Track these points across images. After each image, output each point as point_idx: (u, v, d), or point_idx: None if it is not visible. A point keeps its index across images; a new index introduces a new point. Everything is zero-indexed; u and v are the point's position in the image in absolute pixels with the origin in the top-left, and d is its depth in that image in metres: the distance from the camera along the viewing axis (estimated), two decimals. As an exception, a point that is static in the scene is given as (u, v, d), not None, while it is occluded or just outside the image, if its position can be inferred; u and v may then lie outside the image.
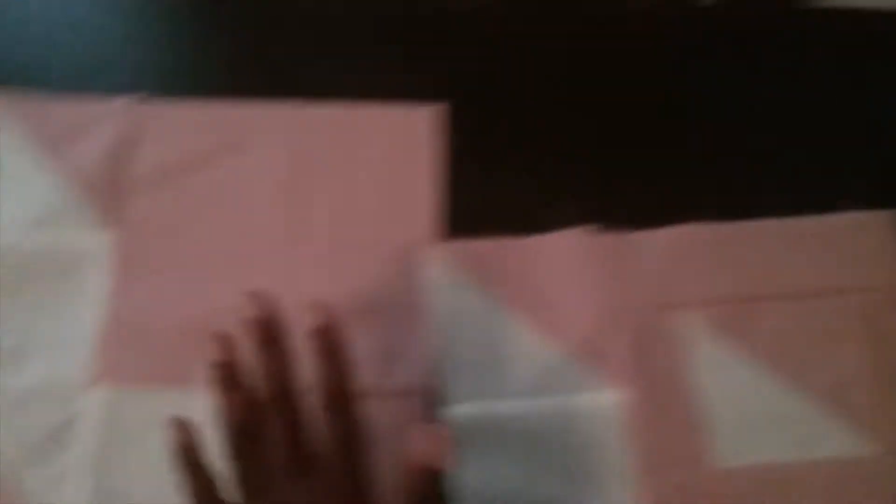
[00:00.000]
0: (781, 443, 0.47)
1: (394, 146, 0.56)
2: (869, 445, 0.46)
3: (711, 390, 0.48)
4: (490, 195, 0.54)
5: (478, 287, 0.51)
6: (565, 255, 0.52)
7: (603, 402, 0.48)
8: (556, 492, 0.46)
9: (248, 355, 0.43)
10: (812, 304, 0.50)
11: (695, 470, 0.46)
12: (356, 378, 0.45)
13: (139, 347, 0.50)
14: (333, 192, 0.55)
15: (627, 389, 0.48)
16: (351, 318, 0.50)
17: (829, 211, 0.53)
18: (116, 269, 0.52)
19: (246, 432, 0.41)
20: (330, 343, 0.43)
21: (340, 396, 0.42)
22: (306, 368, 0.43)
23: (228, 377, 0.42)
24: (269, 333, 0.43)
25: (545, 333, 0.50)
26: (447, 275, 0.51)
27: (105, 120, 0.56)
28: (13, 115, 0.56)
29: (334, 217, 0.54)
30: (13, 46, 0.60)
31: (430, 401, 0.48)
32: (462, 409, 0.48)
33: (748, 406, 0.48)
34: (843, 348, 0.49)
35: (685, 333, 0.49)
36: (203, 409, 0.48)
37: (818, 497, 0.46)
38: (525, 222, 0.53)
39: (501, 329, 0.50)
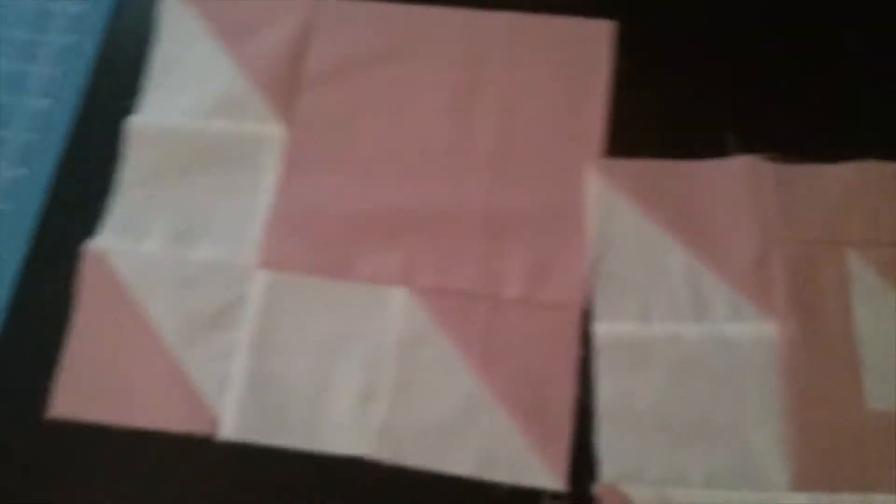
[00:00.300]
0: None
1: (563, 59, 0.55)
2: None
3: (871, 332, 0.47)
4: (654, 116, 0.53)
5: (639, 207, 0.51)
6: (730, 182, 0.51)
7: (759, 333, 0.47)
8: (699, 418, 0.46)
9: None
10: None
11: (847, 409, 0.46)
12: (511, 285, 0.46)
13: (302, 237, 0.52)
14: (501, 100, 0.54)
15: (785, 323, 0.47)
16: (510, 227, 0.50)
17: None
18: (287, 161, 0.53)
19: None
20: None
21: None
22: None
23: None
24: None
25: (703, 259, 0.49)
26: (609, 192, 0.51)
27: (283, 15, 0.57)
28: (197, 7, 0.58)
29: (501, 126, 0.53)
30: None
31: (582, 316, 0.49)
32: (610, 327, 0.48)
33: None
34: None
35: (849, 272, 0.48)
36: (355, 300, 0.49)
37: None
38: (689, 149, 0.52)
39: (659, 251, 0.50)
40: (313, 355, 0.49)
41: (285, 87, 0.55)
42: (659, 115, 0.53)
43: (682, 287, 0.49)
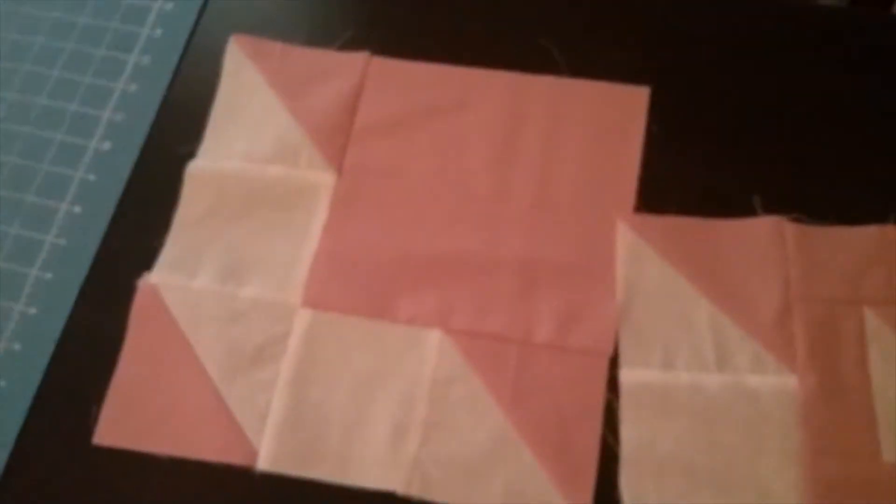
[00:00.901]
0: None
1: (601, 121, 0.58)
2: None
3: (886, 387, 0.48)
4: (683, 177, 0.56)
5: (667, 260, 0.53)
6: (755, 240, 0.53)
7: (780, 385, 0.49)
8: (719, 464, 0.47)
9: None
10: None
11: (862, 460, 0.47)
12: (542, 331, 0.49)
13: (344, 279, 0.54)
14: (541, 157, 0.57)
15: (805, 376, 0.49)
16: (543, 275, 0.53)
17: None
18: (334, 207, 0.56)
19: None
20: None
21: None
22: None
23: None
24: None
25: (727, 312, 0.51)
26: (639, 245, 0.53)
27: (338, 71, 0.61)
28: (258, 60, 0.62)
29: (539, 180, 0.56)
30: (263, 1, 0.66)
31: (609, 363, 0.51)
32: (636, 374, 0.50)
33: None
34: None
35: (868, 329, 0.50)
36: (392, 340, 0.52)
37: None
38: (716, 208, 0.54)
39: (684, 302, 0.52)
40: (349, 391, 0.51)
41: (336, 138, 0.59)
42: (688, 176, 0.56)
43: (706, 338, 0.50)
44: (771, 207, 0.54)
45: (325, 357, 0.52)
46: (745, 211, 0.54)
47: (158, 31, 0.63)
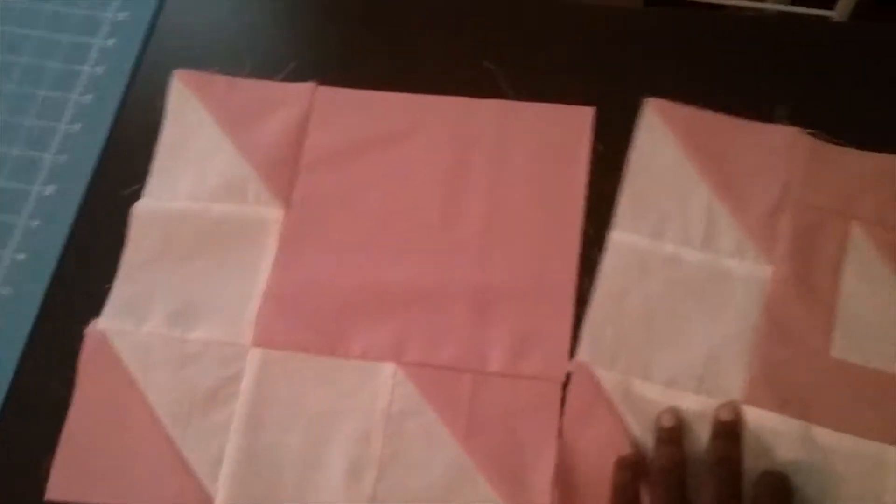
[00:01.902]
0: None
1: (548, 142, 0.58)
2: None
3: (854, 294, 0.51)
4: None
5: (679, 143, 0.56)
6: (767, 144, 0.55)
7: (754, 271, 0.52)
8: (678, 328, 0.51)
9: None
10: None
11: (812, 351, 0.50)
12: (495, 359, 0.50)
13: (295, 315, 0.53)
14: (490, 181, 0.56)
15: (779, 268, 0.52)
16: (496, 301, 0.52)
17: None
18: (283, 242, 0.56)
19: (670, 480, 0.46)
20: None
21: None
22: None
23: (667, 437, 0.48)
24: (733, 430, 0.48)
25: (723, 200, 0.54)
26: (656, 126, 0.57)
27: (284, 102, 0.60)
28: (202, 95, 0.61)
29: (489, 204, 0.56)
30: (205, 34, 0.65)
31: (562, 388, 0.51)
32: (625, 237, 0.54)
33: (882, 319, 0.51)
34: None
35: (851, 241, 0.52)
36: (345, 376, 0.51)
37: None
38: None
39: (686, 184, 0.55)
40: (304, 431, 0.50)
41: (284, 171, 0.58)
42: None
43: (697, 219, 0.54)
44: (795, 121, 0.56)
45: (278, 397, 0.51)
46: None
47: (100, 69, 0.62)
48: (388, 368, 0.51)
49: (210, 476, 0.49)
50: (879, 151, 0.55)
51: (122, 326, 0.54)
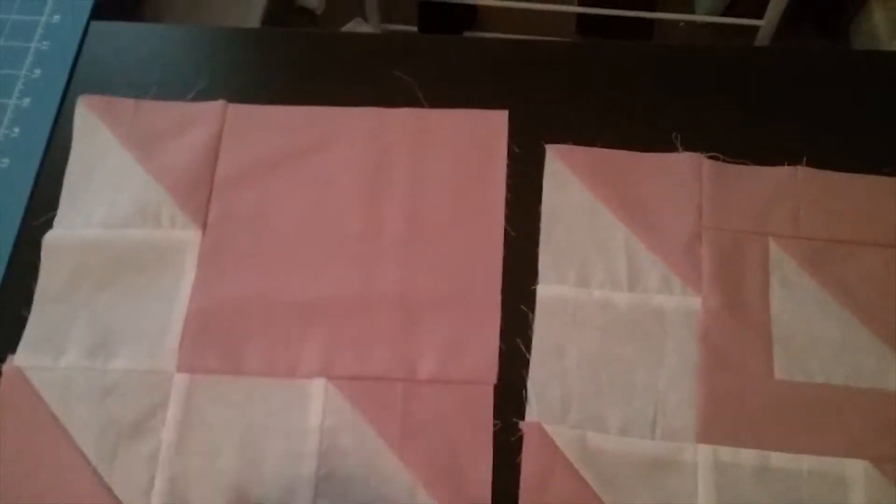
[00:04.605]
0: (839, 368, 0.50)
1: (465, 146, 0.58)
2: None
3: (785, 311, 0.52)
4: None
5: (588, 187, 0.56)
6: (672, 173, 0.56)
7: (684, 304, 0.52)
8: (622, 374, 0.51)
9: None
10: (894, 254, 0.53)
11: (755, 376, 0.50)
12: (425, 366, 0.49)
13: (218, 338, 0.53)
14: (410, 188, 0.57)
15: (708, 297, 0.52)
16: (423, 308, 0.52)
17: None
18: (201, 264, 0.55)
19: None
20: None
21: None
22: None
23: None
24: None
25: (641, 237, 0.54)
26: (562, 172, 0.56)
27: (194, 122, 0.59)
28: (109, 119, 0.60)
29: (410, 211, 0.56)
30: (109, 57, 0.64)
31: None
32: (551, 290, 0.53)
33: (817, 331, 0.51)
34: None
35: (772, 258, 0.53)
36: (274, 396, 0.51)
37: (858, 421, 0.49)
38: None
39: (602, 227, 0.55)
40: (235, 453, 0.49)
41: (198, 192, 0.57)
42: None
43: (619, 260, 0.54)
44: (690, 147, 0.57)
45: (206, 422, 0.50)
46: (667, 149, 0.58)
47: (26, 101, 0.60)
48: (319, 384, 0.51)
49: (140, 507, 0.48)
50: (780, 165, 0.56)
51: (39, 361, 0.52)
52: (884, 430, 0.48)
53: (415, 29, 1.28)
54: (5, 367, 0.52)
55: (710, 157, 0.56)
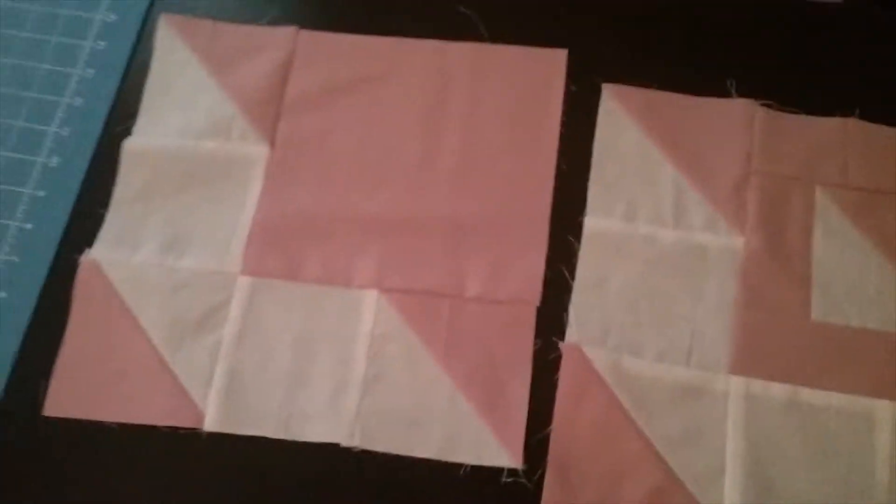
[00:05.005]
0: (875, 313, 0.52)
1: (522, 83, 0.60)
2: None
3: (826, 256, 0.53)
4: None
5: (640, 126, 0.58)
6: (725, 118, 0.58)
7: (727, 244, 0.54)
8: (661, 304, 0.53)
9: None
10: None
11: (791, 315, 0.52)
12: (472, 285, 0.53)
13: (280, 246, 0.56)
14: (466, 120, 0.59)
15: (751, 238, 0.54)
16: (472, 232, 0.55)
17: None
18: (268, 178, 0.58)
19: None
20: None
21: None
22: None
23: None
24: None
25: (689, 177, 0.56)
26: (616, 111, 0.58)
27: (266, 47, 0.62)
28: (188, 38, 0.63)
29: (465, 142, 0.58)
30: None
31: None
32: (598, 222, 0.55)
33: (856, 277, 0.53)
34: None
35: (817, 205, 0.55)
36: (329, 303, 0.54)
37: (890, 365, 0.51)
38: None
39: (652, 165, 0.57)
40: (290, 353, 0.53)
41: (268, 110, 0.60)
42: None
43: (667, 198, 0.55)
44: (745, 93, 0.58)
45: (265, 322, 0.54)
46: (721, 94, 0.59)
47: (112, 16, 0.64)
48: (371, 295, 0.54)
49: (201, 394, 0.52)
50: (831, 115, 0.57)
51: (115, 256, 0.56)
52: None
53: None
54: (83, 258, 0.56)
55: (764, 105, 0.58)
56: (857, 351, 0.51)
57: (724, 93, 0.58)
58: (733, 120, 0.57)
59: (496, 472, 0.49)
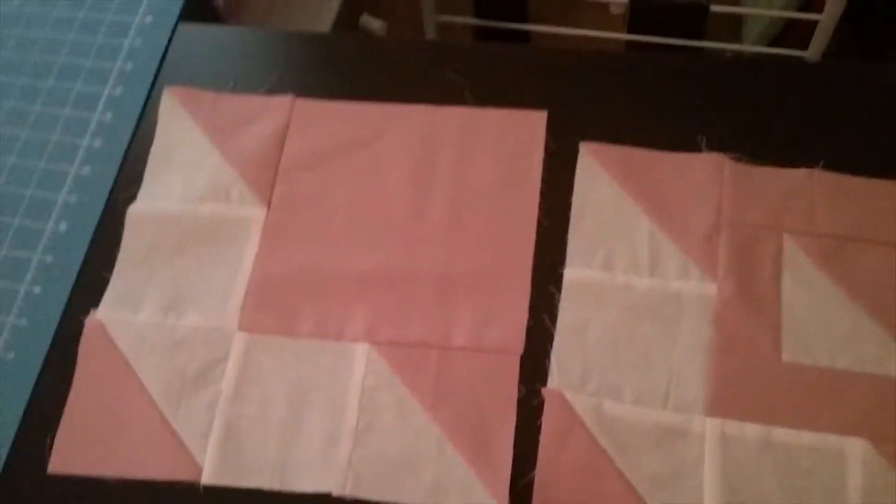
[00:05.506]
0: (844, 354, 0.54)
1: (505, 143, 0.63)
2: None
3: (795, 300, 0.56)
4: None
5: (616, 181, 0.61)
6: (696, 171, 0.61)
7: (700, 290, 0.57)
8: (639, 350, 0.55)
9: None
10: None
11: (763, 357, 0.54)
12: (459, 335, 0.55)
13: (276, 303, 0.59)
14: (453, 180, 0.62)
15: (723, 285, 0.56)
16: (459, 284, 0.58)
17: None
18: (264, 238, 0.61)
19: None
20: None
21: None
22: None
23: None
24: None
25: (663, 228, 0.59)
26: (593, 167, 0.62)
27: (265, 113, 0.66)
28: (189, 108, 0.67)
29: (453, 200, 0.61)
30: (193, 55, 0.71)
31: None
32: (578, 272, 0.58)
33: (824, 320, 0.55)
34: None
35: (785, 252, 0.57)
36: (322, 356, 0.57)
37: (859, 403, 0.52)
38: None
39: (628, 217, 0.59)
40: (284, 405, 0.55)
41: (265, 174, 0.63)
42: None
43: (642, 248, 0.58)
44: (715, 148, 0.62)
45: (261, 376, 0.56)
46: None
47: (119, 90, 0.69)
48: (362, 348, 0.56)
49: (199, 448, 0.54)
50: (797, 167, 0.60)
51: (119, 316, 0.59)
52: (884, 412, 0.52)
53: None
54: (88, 319, 0.59)
55: (733, 158, 0.61)
56: (827, 390, 0.53)
57: (695, 148, 0.62)
58: (704, 173, 0.60)
59: (483, 516, 0.51)
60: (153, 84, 0.69)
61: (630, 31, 1.26)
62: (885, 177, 0.59)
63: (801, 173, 0.60)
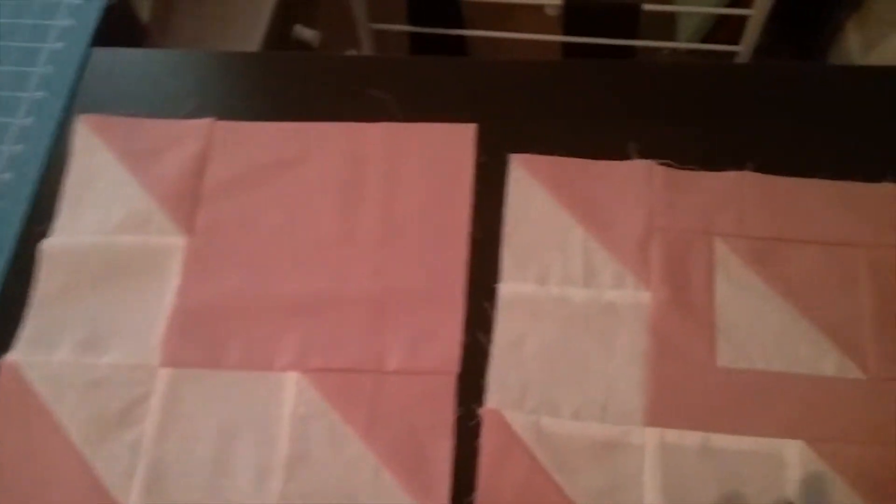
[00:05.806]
0: (778, 356, 0.54)
1: (435, 157, 0.62)
2: (855, 372, 0.53)
3: (729, 304, 0.55)
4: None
5: (548, 191, 0.60)
6: (627, 179, 0.60)
7: (635, 298, 0.56)
8: (576, 363, 0.54)
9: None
10: (832, 251, 0.57)
11: (699, 364, 0.54)
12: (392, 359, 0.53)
13: (200, 335, 0.56)
14: (383, 197, 0.60)
15: (657, 292, 0.56)
16: (392, 306, 0.56)
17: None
18: (187, 268, 0.59)
19: None
20: None
21: None
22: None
23: None
24: None
25: (596, 238, 0.58)
26: (525, 178, 0.60)
27: (183, 139, 0.64)
28: (104, 137, 0.64)
29: (383, 218, 0.60)
30: (108, 80, 0.69)
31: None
32: (512, 287, 0.57)
33: (758, 322, 0.55)
34: (851, 292, 0.55)
35: (717, 256, 0.57)
36: (250, 388, 0.54)
37: (795, 405, 0.52)
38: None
39: (561, 228, 0.58)
40: (213, 442, 0.53)
41: (185, 201, 0.61)
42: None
43: (576, 259, 0.57)
44: (645, 154, 0.61)
45: (186, 412, 0.54)
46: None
47: (29, 121, 0.65)
48: (292, 376, 0.54)
49: (123, 491, 0.51)
50: (726, 170, 0.60)
51: (34, 357, 0.56)
52: (819, 412, 0.52)
53: (408, 59, 1.33)
54: (2, 361, 0.56)
55: (662, 164, 0.60)
56: (763, 394, 0.52)
57: (624, 155, 0.61)
58: (635, 180, 0.59)
59: (422, 544, 0.49)
60: (66, 112, 0.66)
61: (565, 33, 1.26)
62: (814, 176, 0.59)
63: (730, 176, 0.59)
